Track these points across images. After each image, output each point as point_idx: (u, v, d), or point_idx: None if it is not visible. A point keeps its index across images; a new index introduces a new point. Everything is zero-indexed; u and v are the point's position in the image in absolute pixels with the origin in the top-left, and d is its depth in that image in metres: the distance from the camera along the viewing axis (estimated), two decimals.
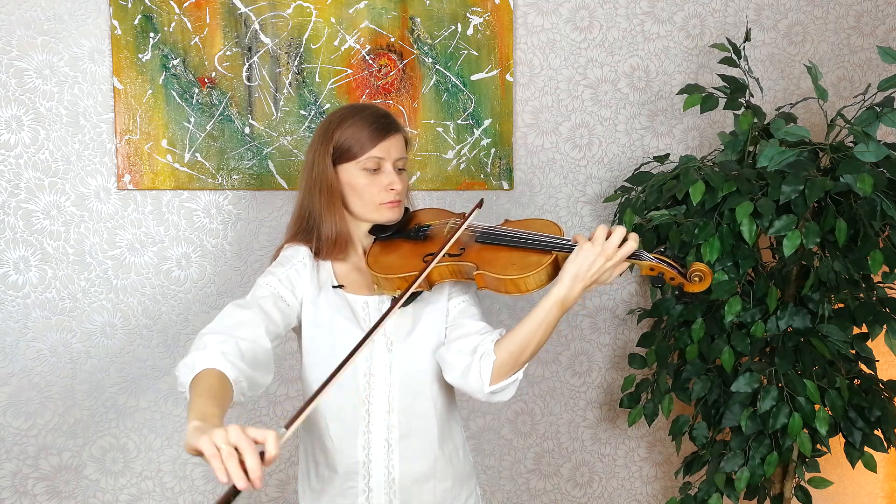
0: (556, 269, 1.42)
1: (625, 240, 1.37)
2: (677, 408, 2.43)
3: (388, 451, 1.49)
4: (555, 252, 1.41)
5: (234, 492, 0.98)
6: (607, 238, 1.36)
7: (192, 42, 2.07)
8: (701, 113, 2.09)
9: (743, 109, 2.08)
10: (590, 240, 1.37)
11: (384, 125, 1.48)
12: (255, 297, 1.42)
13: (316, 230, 1.49)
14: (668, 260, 1.40)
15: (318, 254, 1.51)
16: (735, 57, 2.10)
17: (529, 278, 1.39)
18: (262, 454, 1.00)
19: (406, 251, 1.48)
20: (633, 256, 1.39)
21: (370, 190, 1.47)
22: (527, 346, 1.41)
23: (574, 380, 2.44)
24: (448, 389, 1.55)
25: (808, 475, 2.26)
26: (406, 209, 1.57)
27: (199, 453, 1.01)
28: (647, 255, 1.40)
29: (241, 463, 0.99)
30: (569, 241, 1.42)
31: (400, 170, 1.50)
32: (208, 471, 2.19)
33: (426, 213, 1.61)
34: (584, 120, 2.36)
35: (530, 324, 1.41)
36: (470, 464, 1.63)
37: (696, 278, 1.39)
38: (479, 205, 1.55)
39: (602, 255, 1.35)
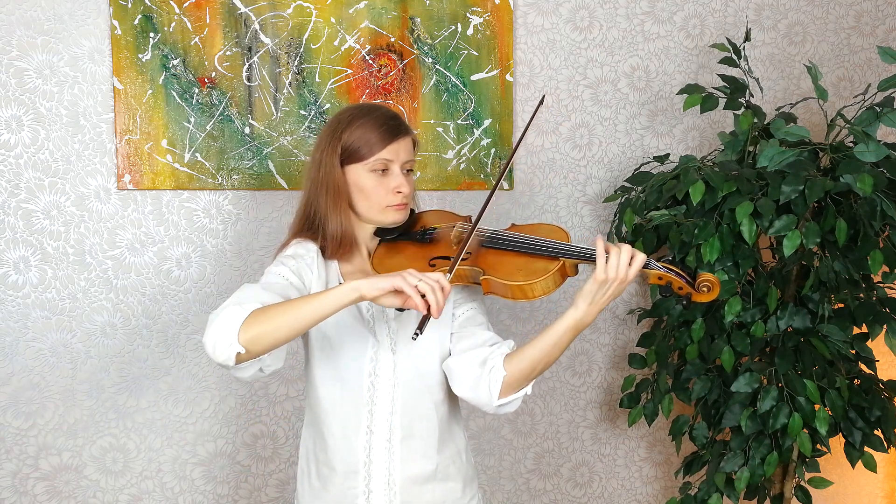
0: (562, 275, 1.42)
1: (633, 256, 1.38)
2: (677, 408, 2.43)
3: (389, 451, 1.49)
4: (562, 259, 1.40)
5: (427, 318, 1.27)
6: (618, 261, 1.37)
7: (192, 42, 2.07)
8: (701, 113, 2.09)
9: (743, 109, 2.08)
10: (607, 252, 1.37)
11: (394, 127, 1.47)
12: (267, 283, 1.40)
13: (322, 229, 1.49)
14: (676, 269, 1.39)
15: (323, 252, 1.50)
16: (735, 57, 2.10)
17: (536, 285, 1.38)
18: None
19: (411, 254, 1.47)
20: (643, 266, 1.40)
21: (377, 192, 1.47)
22: (538, 365, 1.42)
23: (574, 380, 2.44)
24: (451, 393, 1.54)
25: (808, 475, 2.26)
26: (412, 211, 1.57)
27: (395, 291, 1.24)
28: (656, 264, 1.40)
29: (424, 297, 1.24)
30: (575, 247, 1.41)
31: (407, 171, 1.50)
32: (208, 471, 2.19)
33: (432, 215, 1.59)
34: (584, 120, 2.36)
35: (543, 344, 1.41)
36: (472, 467, 1.62)
37: (705, 288, 1.38)
38: (542, 101, 1.63)
39: (616, 280, 1.37)
